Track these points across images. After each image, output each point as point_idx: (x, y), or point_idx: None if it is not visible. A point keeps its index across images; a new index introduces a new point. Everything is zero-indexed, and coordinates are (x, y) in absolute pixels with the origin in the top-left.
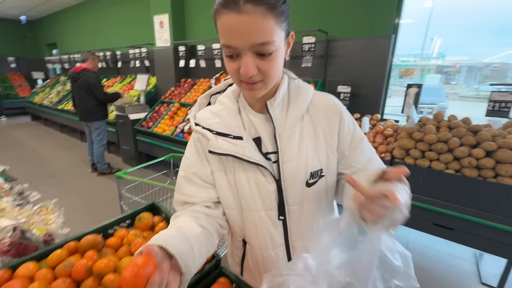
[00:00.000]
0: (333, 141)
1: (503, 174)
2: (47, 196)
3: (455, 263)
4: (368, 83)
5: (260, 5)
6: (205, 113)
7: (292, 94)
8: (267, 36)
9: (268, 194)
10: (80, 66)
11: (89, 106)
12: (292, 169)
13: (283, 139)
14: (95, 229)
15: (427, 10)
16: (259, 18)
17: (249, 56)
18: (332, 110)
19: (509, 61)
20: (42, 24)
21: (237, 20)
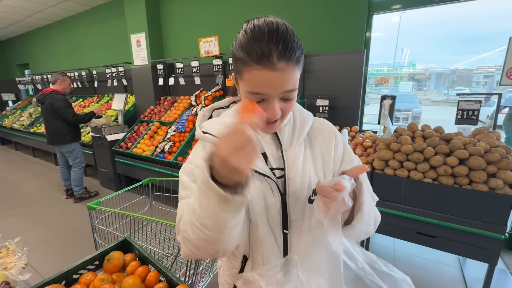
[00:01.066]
0: (329, 160)
1: (476, 180)
2: (13, 229)
3: (441, 270)
4: (345, 95)
5: (290, 62)
6: (214, 124)
7: (297, 116)
8: (294, 84)
9: (273, 208)
10: (50, 88)
11: (56, 129)
12: (297, 185)
13: (289, 155)
14: (56, 277)
15: (396, 24)
16: (290, 72)
17: (276, 101)
18: (329, 131)
19: (472, 67)
20: (12, 44)
21: (271, 75)
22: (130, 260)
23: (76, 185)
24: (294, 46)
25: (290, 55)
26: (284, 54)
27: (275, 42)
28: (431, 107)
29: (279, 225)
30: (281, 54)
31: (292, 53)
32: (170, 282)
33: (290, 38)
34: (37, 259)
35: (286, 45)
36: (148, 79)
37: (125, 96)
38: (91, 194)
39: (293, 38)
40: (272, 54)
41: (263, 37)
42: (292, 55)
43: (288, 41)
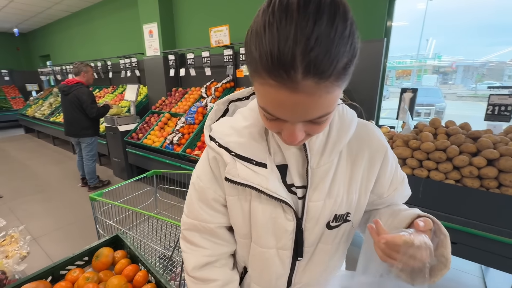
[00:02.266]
0: (369, 183)
1: (507, 184)
2: (30, 214)
3: (460, 278)
4: (361, 87)
5: (326, 79)
6: (224, 127)
7: (335, 123)
8: (327, 109)
9: (285, 233)
10: (73, 79)
11: (80, 122)
12: (318, 209)
13: (316, 174)
14: (42, 272)
15: (421, 12)
16: (322, 96)
17: (299, 126)
18: (377, 149)
19: (505, 59)
20: (35, 36)
21: (290, 99)
22: (120, 257)
23: (91, 177)
24: (339, 49)
25: (328, 68)
26: (317, 68)
27: (305, 43)
28: (457, 102)
29: (290, 251)
30: (312, 66)
31: (332, 64)
32: (159, 284)
33: (337, 35)
34: (51, 245)
35: (325, 50)
36: (159, 70)
37: (137, 87)
38: (104, 183)
39: (343, 33)
40: (296, 65)
41: (287, 29)
42: (330, 68)
43: (332, 41)
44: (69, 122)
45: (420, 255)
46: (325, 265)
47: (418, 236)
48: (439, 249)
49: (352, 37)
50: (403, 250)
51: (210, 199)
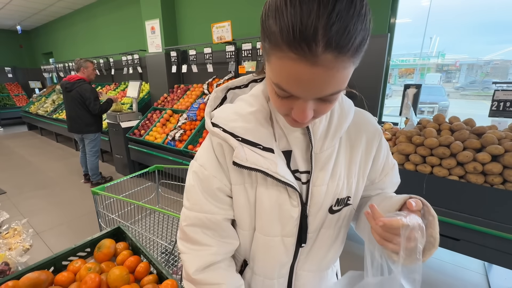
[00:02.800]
0: (366, 167)
1: (511, 180)
2: (34, 209)
3: (462, 275)
4: (364, 84)
5: (345, 54)
6: (226, 113)
7: (336, 109)
8: (340, 86)
9: (290, 220)
10: (75, 75)
11: (83, 118)
12: (321, 194)
13: (319, 159)
14: (44, 263)
15: (425, 9)
16: (339, 71)
17: (309, 104)
18: (373, 134)
19: (510, 58)
20: (38, 34)
21: (308, 73)
22: (122, 249)
23: (94, 173)
24: (357, 26)
25: (347, 43)
26: (337, 42)
27: (327, 17)
28: (460, 100)
29: (294, 237)
30: (333, 40)
31: (351, 40)
32: (160, 275)
33: (355, 12)
34: (54, 239)
35: (345, 25)
36: (162, 66)
37: (139, 83)
38: (107, 179)
39: (361, 11)
40: (318, 39)
41: (310, 4)
42: (349, 44)
43: (351, 18)
44: (72, 119)
45: (414, 236)
46: (327, 250)
47: (412, 218)
48: (428, 230)
49: (367, 16)
50: (402, 233)
51: (215, 189)
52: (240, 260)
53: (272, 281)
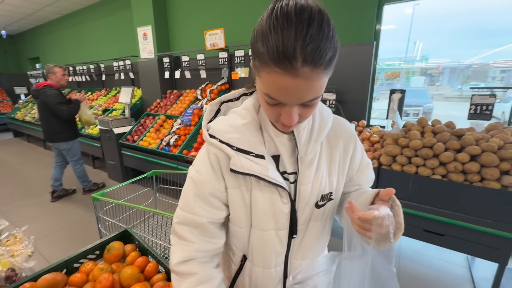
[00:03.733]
0: (345, 167)
1: (488, 178)
2: (24, 218)
3: (448, 269)
4: (352, 89)
5: (318, 67)
6: (222, 125)
7: (316, 118)
8: (318, 93)
9: (281, 215)
10: (44, 82)
11: (51, 127)
12: (307, 191)
13: (304, 161)
14: (56, 265)
15: (408, 16)
16: (316, 80)
17: (295, 109)
18: (349, 137)
19: (488, 61)
20: (23, 39)
21: (291, 83)
22: (130, 250)
23: (82, 180)
24: (326, 46)
25: (319, 59)
26: (312, 58)
27: (303, 40)
28: (444, 102)
29: (286, 230)
30: (308, 57)
31: (322, 56)
32: (169, 274)
33: (324, 35)
34: (47, 248)
35: (316, 45)
36: (154, 72)
37: (131, 89)
38: (99, 185)
39: (328, 34)
40: (297, 57)
41: (289, 31)
42: (321, 59)
43: (321, 39)
44: (43, 128)
45: (386, 224)
46: (316, 240)
47: (382, 209)
48: (395, 217)
49: (334, 37)
50: (374, 223)
51: (207, 193)
52: (239, 256)
53: (270, 270)
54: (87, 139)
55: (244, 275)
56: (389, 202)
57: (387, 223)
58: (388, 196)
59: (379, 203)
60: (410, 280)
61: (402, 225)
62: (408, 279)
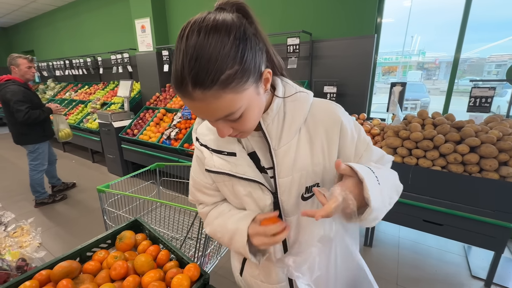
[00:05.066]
0: (332, 154)
1: (487, 169)
2: (26, 211)
3: (445, 258)
4: (353, 82)
5: (210, 89)
6: (203, 128)
7: (288, 107)
8: (228, 110)
9: (265, 206)
10: (6, 76)
11: (16, 126)
12: (287, 184)
13: (278, 154)
14: (70, 254)
15: (406, 9)
16: (212, 102)
17: (219, 123)
18: (332, 121)
19: (484, 56)
20: (17, 31)
21: (192, 105)
22: (141, 239)
23: (35, 190)
24: (213, 68)
25: (205, 82)
26: (197, 82)
27: (187, 66)
28: (440, 97)
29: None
30: (195, 81)
31: (209, 79)
32: (181, 261)
33: (209, 58)
34: (49, 241)
35: (201, 69)
36: (153, 65)
37: (130, 83)
38: (56, 198)
39: (223, 51)
40: (186, 82)
41: (178, 58)
42: (209, 82)
43: (205, 63)
44: (8, 126)
45: (347, 204)
46: (310, 232)
47: (341, 192)
48: (362, 193)
49: (234, 52)
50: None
51: (201, 187)
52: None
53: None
54: (86, 133)
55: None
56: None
57: (350, 202)
58: (338, 168)
59: (343, 181)
60: (409, 269)
61: (369, 200)
62: (407, 268)
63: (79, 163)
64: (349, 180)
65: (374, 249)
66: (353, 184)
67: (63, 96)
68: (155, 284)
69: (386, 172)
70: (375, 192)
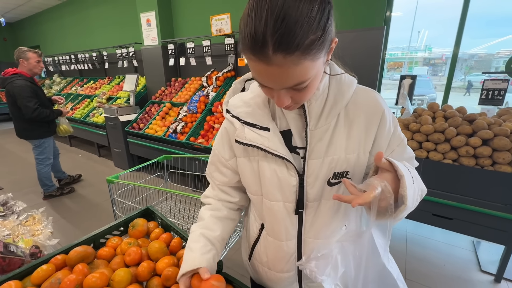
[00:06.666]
0: (367, 143)
1: (500, 162)
2: (35, 204)
3: (454, 252)
4: (362, 75)
5: (292, 54)
6: (236, 100)
7: (332, 89)
8: (301, 78)
9: (289, 187)
10: (12, 69)
11: (19, 121)
12: (316, 166)
13: (314, 135)
14: (85, 240)
15: (414, 3)
16: (291, 67)
17: (282, 92)
18: (374, 110)
19: (493, 51)
20: (23, 26)
21: (267, 70)
22: (153, 227)
23: (43, 184)
24: (304, 29)
25: (290, 46)
26: (281, 45)
27: (272, 27)
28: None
29: (293, 203)
30: (278, 44)
31: (295, 43)
32: None
33: (302, 15)
34: (58, 233)
35: (287, 31)
36: (158, 60)
37: (136, 77)
38: (64, 191)
39: (309, 14)
40: (267, 44)
41: (260, 16)
42: (294, 46)
43: (297, 21)
44: (13, 121)
45: (385, 196)
46: (329, 221)
47: (380, 183)
48: (400, 189)
49: (320, 16)
50: (373, 202)
51: (217, 161)
52: (259, 224)
53: (281, 242)
54: (92, 127)
55: (261, 243)
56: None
57: (388, 195)
58: (379, 161)
59: (380, 174)
60: (417, 263)
61: (405, 198)
62: (416, 263)
63: (86, 157)
64: (387, 174)
65: None
66: (391, 179)
67: (69, 91)
68: (170, 270)
69: (417, 174)
70: (411, 191)
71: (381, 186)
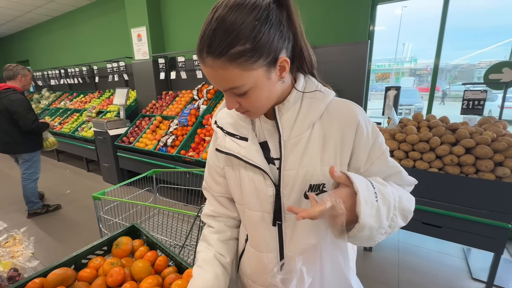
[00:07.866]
0: (344, 155)
1: (483, 169)
2: (19, 222)
3: (445, 261)
4: (348, 88)
5: (218, 59)
6: (223, 113)
7: (306, 100)
8: (232, 83)
9: (266, 197)
10: (4, 84)
11: (12, 136)
12: (291, 177)
13: (287, 146)
14: (65, 261)
15: (398, 17)
16: (219, 71)
17: (227, 94)
18: (348, 120)
19: (474, 62)
20: (12, 41)
21: (205, 70)
22: (138, 245)
23: (29, 201)
24: (225, 41)
25: (215, 52)
26: (209, 49)
27: (207, 34)
28: (434, 102)
29: (271, 214)
30: (207, 48)
31: (218, 49)
32: (179, 266)
33: (226, 30)
34: (42, 252)
35: (216, 39)
36: (149, 73)
37: (126, 91)
38: (50, 208)
39: (240, 26)
40: (203, 47)
41: (205, 26)
42: (218, 52)
43: (221, 34)
44: (1, 136)
45: (338, 212)
46: (308, 235)
47: (331, 198)
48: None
49: (251, 32)
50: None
51: (212, 171)
52: (245, 234)
53: (261, 254)
54: (81, 141)
55: (245, 254)
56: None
57: (339, 211)
58: (332, 175)
59: (338, 189)
60: (409, 273)
61: (359, 216)
62: (408, 272)
63: (74, 172)
64: (344, 190)
65: (374, 253)
66: (347, 195)
67: (58, 105)
68: None
69: (394, 192)
70: (369, 209)
71: (331, 202)
